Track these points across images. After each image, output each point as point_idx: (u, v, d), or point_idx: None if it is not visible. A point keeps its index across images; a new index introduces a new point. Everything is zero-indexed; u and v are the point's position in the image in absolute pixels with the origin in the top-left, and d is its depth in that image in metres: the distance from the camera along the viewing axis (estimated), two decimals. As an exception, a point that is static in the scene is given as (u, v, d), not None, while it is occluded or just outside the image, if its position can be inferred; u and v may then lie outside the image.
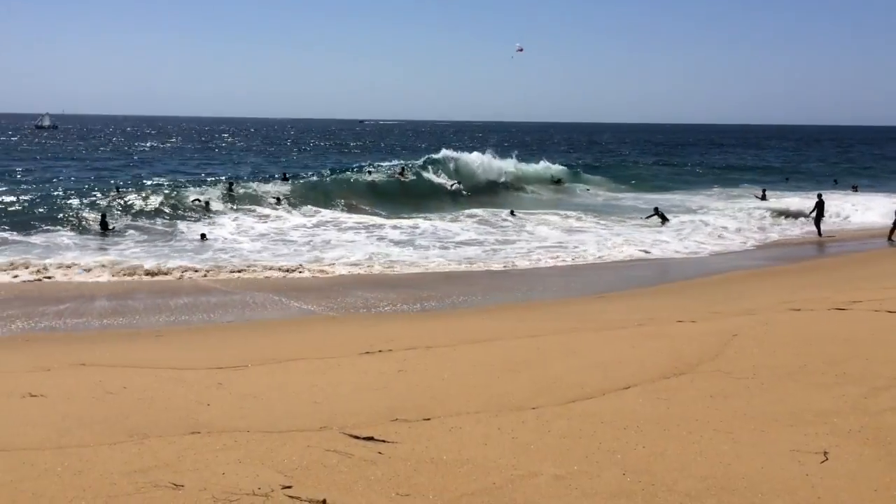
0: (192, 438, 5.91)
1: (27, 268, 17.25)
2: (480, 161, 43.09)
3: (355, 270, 18.47)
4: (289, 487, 4.92)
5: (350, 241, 23.42)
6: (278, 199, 31.56)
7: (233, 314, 13.44)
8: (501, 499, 4.76)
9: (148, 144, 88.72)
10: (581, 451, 5.52)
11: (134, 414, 6.63)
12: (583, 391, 7.08)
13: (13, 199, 28.17)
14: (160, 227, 25.45)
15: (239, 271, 18.01)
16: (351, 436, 5.92)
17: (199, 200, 29.06)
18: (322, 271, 18.23)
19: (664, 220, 27.80)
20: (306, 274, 17.93)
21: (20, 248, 20.57)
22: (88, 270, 17.21)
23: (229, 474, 5.14)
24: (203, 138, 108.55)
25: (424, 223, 27.55)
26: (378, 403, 6.87)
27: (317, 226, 27.17)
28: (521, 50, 46.68)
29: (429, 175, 40.21)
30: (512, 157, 46.15)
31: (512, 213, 30.44)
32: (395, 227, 26.52)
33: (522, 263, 20.02)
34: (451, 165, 41.86)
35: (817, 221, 25.95)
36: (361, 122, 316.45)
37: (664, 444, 5.66)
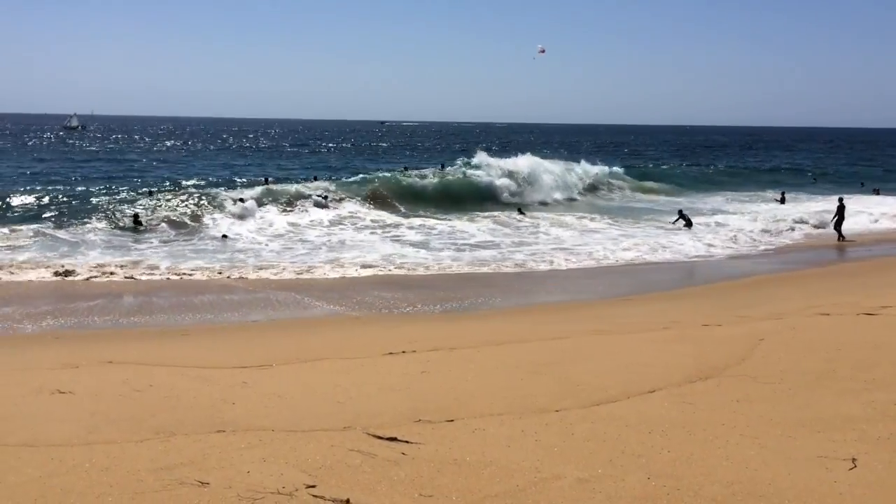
0: (217, 437, 5.96)
1: (48, 268, 17.53)
2: (531, 164, 39.27)
3: (379, 271, 18.53)
4: (313, 487, 4.94)
5: (368, 242, 23.44)
6: (325, 197, 30.81)
7: (257, 314, 13.53)
8: (525, 501, 4.75)
9: (172, 143, 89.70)
10: (605, 455, 5.50)
11: (160, 412, 6.70)
12: (607, 394, 7.05)
13: (47, 198, 28.62)
14: (189, 226, 25.48)
15: (260, 269, 18.26)
16: (374, 436, 5.94)
17: (241, 200, 28.65)
18: (343, 272, 18.32)
19: (689, 223, 27.49)
20: (330, 274, 18.02)
21: (54, 245, 20.82)
22: (111, 274, 17.41)
23: (254, 473, 5.17)
24: (230, 139, 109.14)
25: (441, 224, 27.52)
26: (401, 404, 6.88)
27: (338, 224, 27.22)
28: (544, 51, 45.85)
29: (471, 171, 38.40)
30: (561, 161, 43.76)
31: (520, 210, 30.03)
32: (411, 228, 26.59)
33: (541, 265, 19.96)
34: (497, 170, 38.21)
35: (838, 225, 25.63)
36: (382, 123, 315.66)
37: (689, 448, 5.61)
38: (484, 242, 23.88)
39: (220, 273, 17.79)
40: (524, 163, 39.49)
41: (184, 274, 17.59)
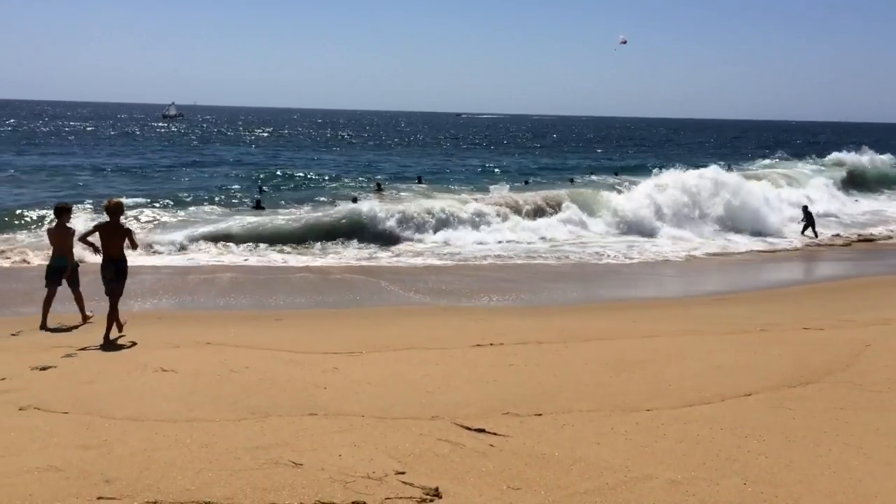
0: (310, 420, 6.11)
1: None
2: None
3: (467, 262, 18.61)
4: (402, 473, 5.01)
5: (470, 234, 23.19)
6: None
7: (346, 300, 13.78)
8: (614, 500, 4.68)
9: (265, 132, 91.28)
10: (698, 457, 5.36)
11: (256, 393, 6.92)
12: (700, 395, 6.87)
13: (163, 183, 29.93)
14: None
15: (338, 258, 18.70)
16: (462, 426, 5.97)
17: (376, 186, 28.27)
18: (435, 261, 18.48)
19: (809, 225, 24.40)
20: (417, 262, 18.21)
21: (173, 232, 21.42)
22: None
23: (345, 456, 5.28)
24: (326, 132, 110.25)
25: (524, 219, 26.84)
26: (489, 396, 6.89)
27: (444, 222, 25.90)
28: (625, 42, 43.64)
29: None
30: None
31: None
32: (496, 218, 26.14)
33: (621, 259, 19.63)
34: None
35: None
36: (458, 115, 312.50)
37: (788, 455, 5.42)
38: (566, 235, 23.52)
39: (308, 258, 18.21)
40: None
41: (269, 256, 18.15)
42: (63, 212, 10.73)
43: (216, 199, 27.22)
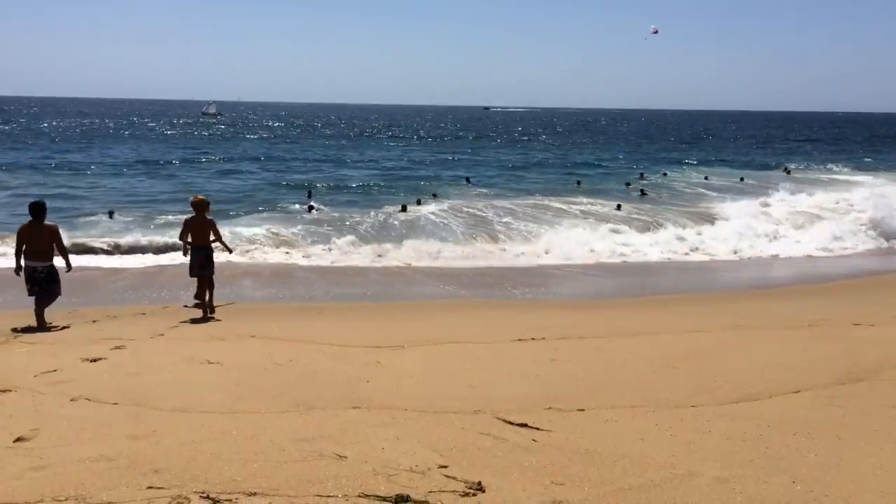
0: (353, 413, 6.16)
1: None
2: None
3: (519, 261, 18.53)
4: (445, 467, 5.02)
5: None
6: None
7: (385, 292, 13.86)
8: (660, 497, 4.63)
9: (298, 129, 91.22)
10: (745, 455, 5.27)
11: (300, 386, 6.99)
12: (747, 392, 6.75)
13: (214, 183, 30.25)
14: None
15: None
16: (505, 421, 5.95)
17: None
18: (478, 257, 18.45)
19: None
20: (461, 263, 18.19)
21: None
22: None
23: (388, 450, 5.31)
24: (361, 129, 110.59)
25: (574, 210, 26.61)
26: (531, 391, 6.87)
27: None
28: (657, 32, 42.22)
29: None
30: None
31: (619, 207, 26.18)
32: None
33: (668, 256, 19.34)
34: None
35: None
36: (486, 108, 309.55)
37: (838, 453, 5.30)
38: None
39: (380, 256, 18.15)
40: None
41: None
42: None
43: (262, 201, 26.23)
